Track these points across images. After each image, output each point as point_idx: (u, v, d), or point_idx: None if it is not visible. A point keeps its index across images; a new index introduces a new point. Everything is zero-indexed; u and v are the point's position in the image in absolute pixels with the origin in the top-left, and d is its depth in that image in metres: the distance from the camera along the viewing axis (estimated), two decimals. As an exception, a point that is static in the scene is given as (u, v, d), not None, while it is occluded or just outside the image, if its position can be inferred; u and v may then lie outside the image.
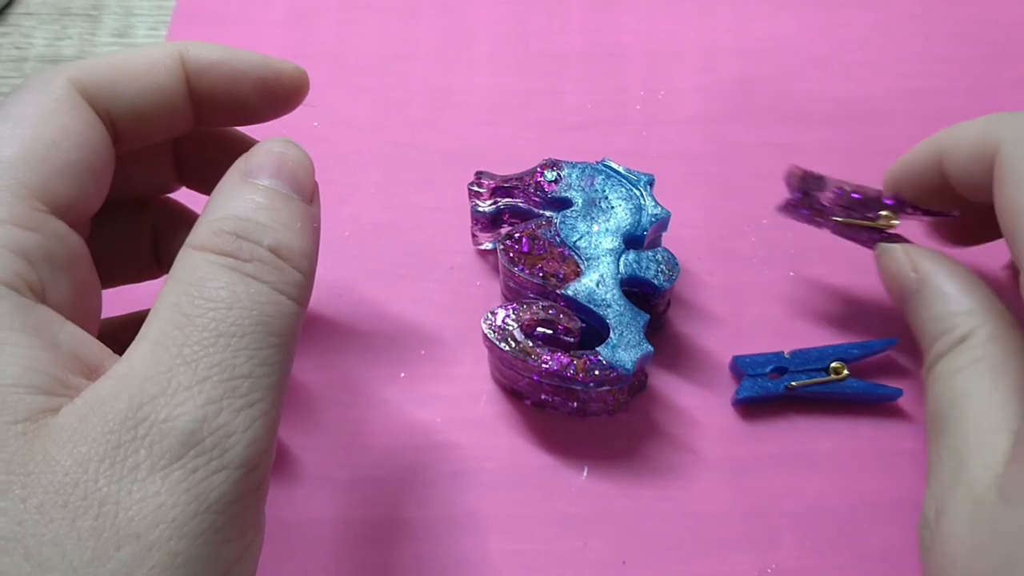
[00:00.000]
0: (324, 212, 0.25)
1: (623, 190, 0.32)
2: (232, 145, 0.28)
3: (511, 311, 0.30)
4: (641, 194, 0.32)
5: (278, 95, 0.26)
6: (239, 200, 0.22)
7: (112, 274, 0.27)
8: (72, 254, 0.22)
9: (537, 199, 0.33)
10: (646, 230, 0.31)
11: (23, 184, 0.21)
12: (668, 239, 0.34)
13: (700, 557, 0.30)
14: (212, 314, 0.20)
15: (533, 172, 0.33)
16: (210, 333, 0.19)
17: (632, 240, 0.31)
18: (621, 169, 0.33)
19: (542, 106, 0.40)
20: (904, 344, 0.32)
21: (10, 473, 0.18)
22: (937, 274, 0.28)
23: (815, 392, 0.32)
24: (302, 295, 0.22)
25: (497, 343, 0.30)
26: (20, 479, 0.18)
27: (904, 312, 0.30)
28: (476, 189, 0.33)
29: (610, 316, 0.30)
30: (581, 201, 0.32)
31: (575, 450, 0.32)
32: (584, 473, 0.31)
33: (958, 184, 0.28)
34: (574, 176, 0.32)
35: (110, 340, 0.21)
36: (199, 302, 0.20)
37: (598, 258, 0.31)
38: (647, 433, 0.32)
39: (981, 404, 0.25)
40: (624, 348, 0.30)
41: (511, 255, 0.31)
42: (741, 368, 0.32)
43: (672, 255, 0.31)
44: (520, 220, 0.34)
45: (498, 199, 0.33)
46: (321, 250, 0.24)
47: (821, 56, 0.41)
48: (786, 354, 0.32)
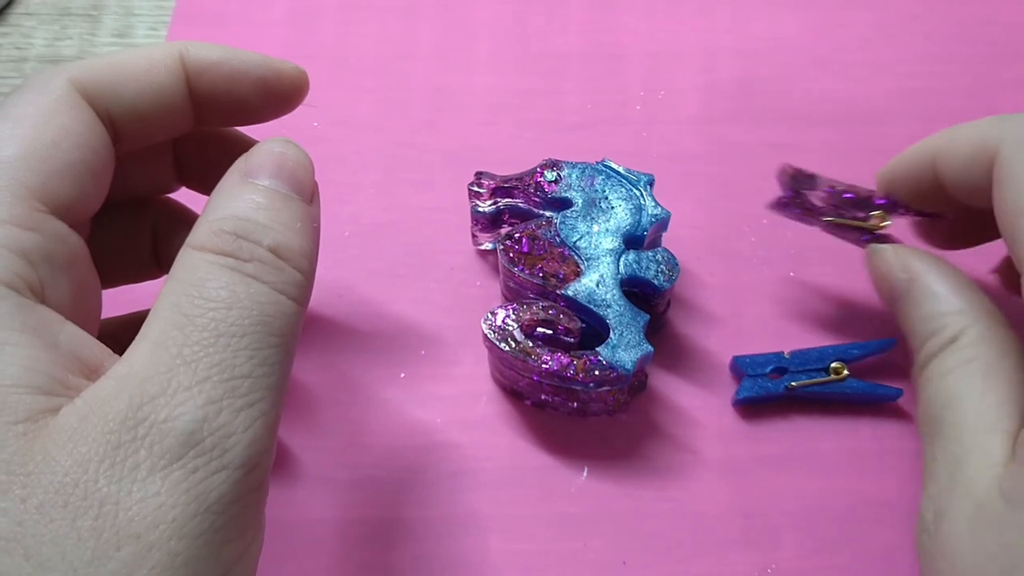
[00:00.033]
0: (324, 212, 0.25)
1: (623, 190, 0.32)
2: (232, 145, 0.28)
3: (511, 311, 0.30)
4: (641, 194, 0.32)
5: (278, 95, 0.26)
6: (239, 200, 0.22)
7: (112, 274, 0.27)
8: (72, 254, 0.22)
9: (537, 199, 0.33)
10: (646, 230, 0.31)
11: (23, 184, 0.21)
12: (668, 239, 0.34)
13: (700, 557, 0.30)
14: (212, 314, 0.20)
15: (533, 172, 0.33)
16: (210, 333, 0.19)
17: (632, 240, 0.31)
18: (621, 169, 0.33)
19: (542, 106, 0.40)
20: (904, 344, 0.32)
21: (10, 473, 0.18)
22: (927, 274, 0.28)
23: (815, 392, 0.32)
24: (302, 295, 0.22)
25: (497, 343, 0.30)
26: (20, 479, 0.18)
27: (894, 313, 0.29)
28: (476, 189, 0.33)
29: (610, 316, 0.30)
30: (581, 201, 0.32)
31: (575, 450, 0.32)
32: (584, 473, 0.31)
33: (953, 187, 0.28)
34: (574, 176, 0.32)
35: (110, 340, 0.21)
36: (199, 302, 0.20)
37: (598, 258, 0.31)
38: (647, 433, 0.32)
39: (975, 405, 0.25)
40: (624, 348, 0.30)
41: (511, 255, 0.31)
42: (741, 368, 0.32)
43: (672, 255, 0.31)
44: (520, 220, 0.34)
45: (498, 199, 0.33)
46: (321, 250, 0.24)
47: (821, 56, 0.41)
48: (786, 354, 0.32)
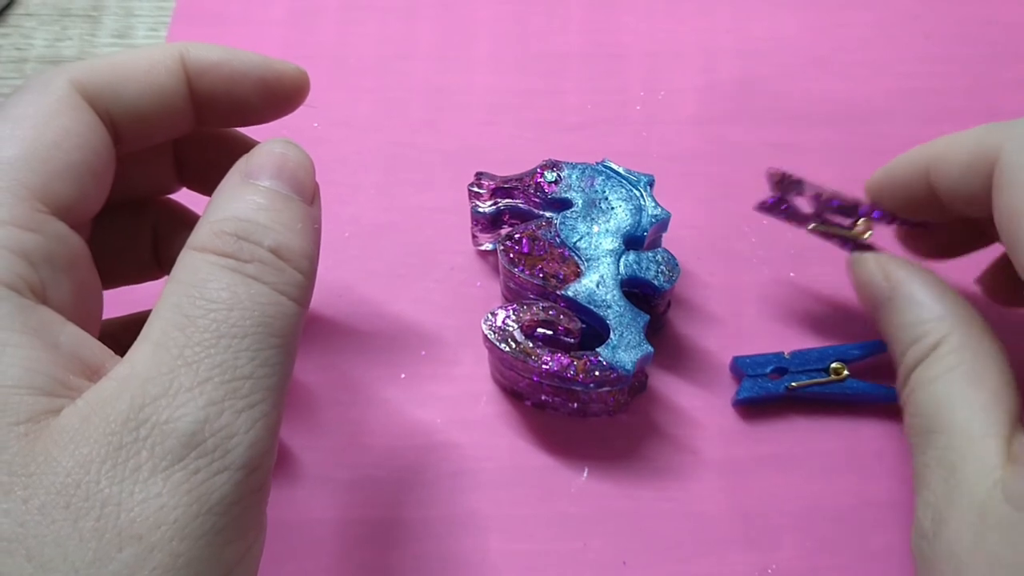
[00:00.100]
0: (324, 213, 0.25)
1: (623, 191, 0.32)
2: (233, 146, 0.28)
3: (511, 312, 0.30)
4: (641, 195, 0.32)
5: (279, 96, 0.26)
6: (240, 201, 0.22)
7: (113, 275, 0.27)
8: (73, 255, 0.22)
9: (537, 200, 0.33)
10: (646, 231, 0.31)
11: (24, 185, 0.21)
12: (668, 239, 0.34)
13: (700, 557, 0.30)
14: (213, 315, 0.20)
15: (533, 173, 0.33)
16: (211, 334, 0.19)
17: (632, 241, 0.31)
18: (621, 170, 0.33)
19: (542, 106, 0.40)
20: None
21: (12, 474, 0.18)
22: (908, 282, 0.28)
23: (815, 393, 0.32)
24: (303, 296, 0.22)
25: (497, 344, 0.30)
26: (22, 480, 0.18)
27: (876, 321, 0.30)
28: (476, 190, 0.33)
29: (610, 317, 0.30)
30: (581, 202, 0.32)
31: (575, 450, 0.32)
32: (584, 473, 0.31)
33: (948, 195, 0.28)
34: (574, 177, 0.32)
35: (111, 341, 0.21)
36: (200, 303, 0.20)
37: (598, 259, 0.31)
38: (647, 434, 0.32)
39: (964, 411, 0.25)
40: (624, 349, 0.30)
41: (511, 256, 0.31)
42: (741, 369, 0.32)
43: (672, 256, 0.31)
44: (520, 221, 0.34)
45: (498, 200, 0.33)
46: (321, 250, 0.24)
47: (821, 56, 0.41)
48: (786, 355, 0.32)
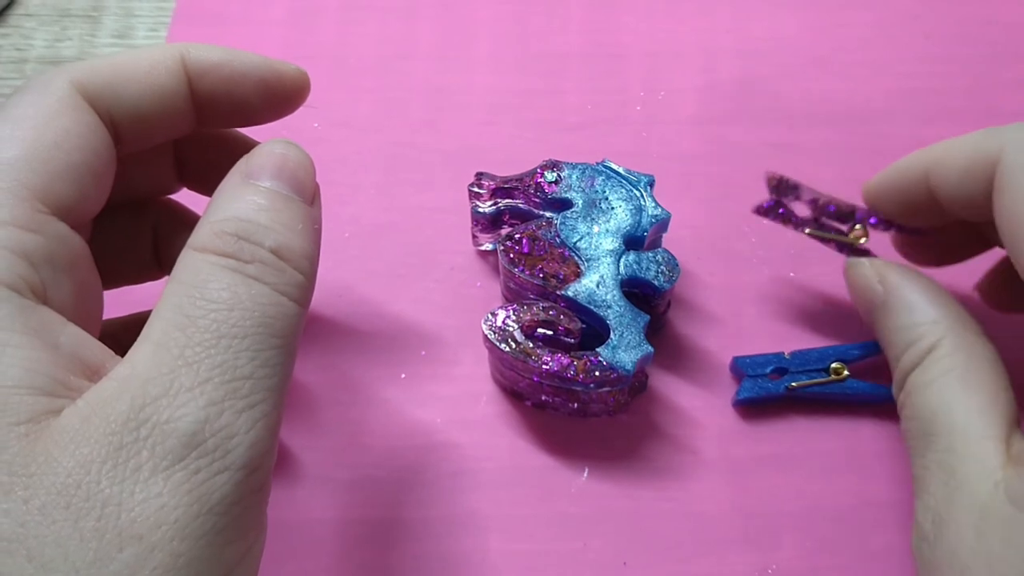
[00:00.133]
0: (324, 213, 0.25)
1: (623, 191, 0.32)
2: (233, 146, 0.28)
3: (511, 312, 0.30)
4: (641, 195, 0.32)
5: (279, 96, 0.26)
6: (240, 201, 0.22)
7: (113, 275, 0.27)
8: (73, 255, 0.22)
9: (537, 200, 0.33)
10: (646, 231, 0.31)
11: (24, 186, 0.21)
12: (668, 240, 0.34)
13: (700, 557, 0.30)
14: (214, 315, 0.20)
15: (533, 173, 0.33)
16: (212, 334, 0.19)
17: (632, 241, 0.31)
18: (621, 170, 0.33)
19: (542, 106, 0.40)
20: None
21: (12, 475, 0.18)
22: (903, 286, 0.28)
23: (815, 393, 0.32)
24: (303, 296, 0.22)
25: (497, 344, 0.30)
26: (22, 480, 0.18)
27: (872, 325, 0.30)
28: (476, 190, 0.33)
29: (610, 317, 0.30)
30: (581, 202, 0.32)
31: (575, 451, 0.32)
32: (584, 474, 0.31)
33: (948, 199, 0.28)
34: (574, 177, 0.32)
35: (111, 341, 0.21)
36: (201, 303, 0.20)
37: (598, 259, 0.31)
38: (647, 434, 0.32)
39: (961, 414, 0.25)
40: (624, 349, 0.30)
41: (511, 256, 0.31)
42: (741, 369, 0.32)
43: (672, 256, 0.31)
44: (520, 221, 0.34)
45: (498, 200, 0.33)
46: (322, 251, 0.24)
47: (821, 56, 0.41)
48: (786, 355, 0.32)
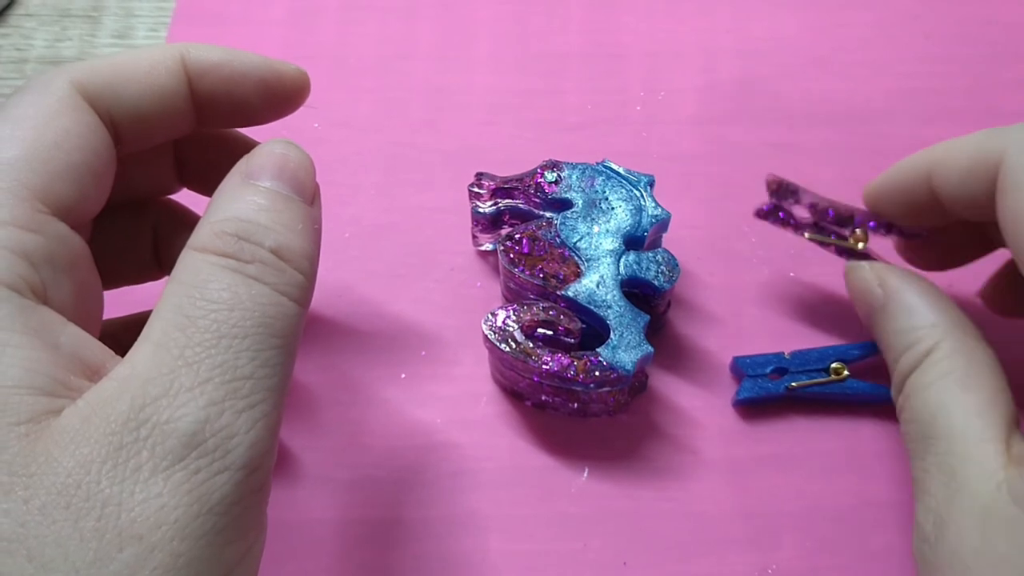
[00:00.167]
0: (324, 213, 0.25)
1: (623, 191, 0.32)
2: (233, 147, 0.28)
3: (511, 312, 0.30)
4: (641, 195, 0.32)
5: (279, 97, 0.26)
6: (240, 202, 0.22)
7: (113, 275, 0.27)
8: (74, 255, 0.22)
9: (537, 200, 0.33)
10: (646, 231, 0.31)
11: (25, 186, 0.21)
12: (668, 240, 0.34)
13: (700, 557, 0.30)
14: (214, 315, 0.20)
15: (533, 173, 0.33)
16: (212, 334, 0.19)
17: (632, 241, 0.31)
18: (621, 170, 0.33)
19: (542, 106, 0.40)
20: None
21: (12, 475, 0.18)
22: (902, 289, 0.28)
23: (815, 393, 0.32)
24: (303, 296, 0.22)
25: (498, 344, 0.30)
26: (23, 480, 0.18)
27: (871, 328, 0.30)
28: (476, 190, 0.33)
29: (610, 317, 0.30)
30: (581, 202, 0.32)
31: (575, 451, 0.32)
32: (584, 474, 0.31)
33: (951, 199, 0.28)
34: (574, 177, 0.32)
35: (112, 341, 0.21)
36: (201, 304, 0.20)
37: (598, 259, 0.31)
38: (647, 434, 0.32)
39: (960, 416, 0.25)
40: (624, 349, 0.30)
41: (511, 256, 0.31)
42: (741, 369, 0.32)
43: (672, 256, 0.31)
44: (520, 221, 0.34)
45: (498, 200, 0.33)
46: (322, 251, 0.24)
47: (821, 56, 0.41)
48: (786, 355, 0.32)
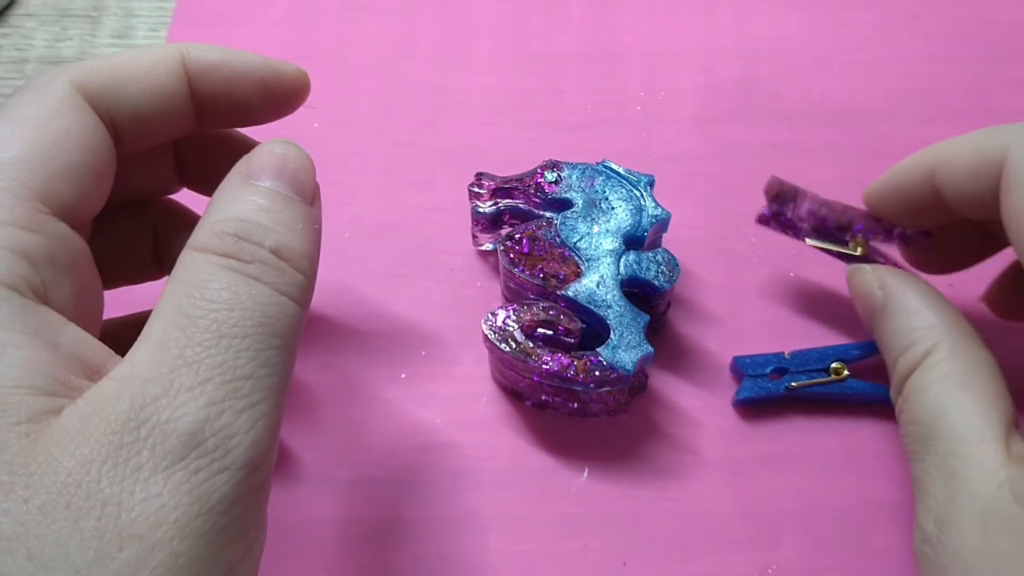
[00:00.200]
0: (325, 213, 0.25)
1: (623, 191, 0.32)
2: (233, 146, 0.28)
3: (511, 312, 0.30)
4: (641, 195, 0.32)
5: (279, 97, 0.26)
6: (240, 202, 0.22)
7: (113, 275, 0.27)
8: (74, 255, 0.22)
9: (537, 200, 0.33)
10: (646, 231, 0.31)
11: (25, 185, 0.21)
12: (668, 240, 0.34)
13: (700, 557, 0.30)
14: (214, 315, 0.20)
15: (533, 173, 0.33)
16: (212, 334, 0.19)
17: (632, 241, 0.31)
18: (621, 170, 0.33)
19: (542, 106, 0.40)
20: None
21: (13, 474, 0.18)
22: (902, 291, 0.28)
23: (815, 393, 0.32)
24: (304, 296, 0.22)
25: (498, 344, 0.30)
26: (23, 480, 0.18)
27: (871, 330, 0.30)
28: (476, 190, 0.33)
29: (610, 317, 0.30)
30: (581, 202, 0.32)
31: (575, 451, 0.32)
32: (584, 474, 0.31)
33: (954, 197, 0.28)
34: (574, 177, 0.33)
35: (112, 341, 0.21)
36: (201, 303, 0.20)
37: (598, 259, 0.31)
38: (647, 434, 0.32)
39: (960, 417, 0.25)
40: (624, 349, 0.30)
41: (511, 256, 0.31)
42: (741, 369, 0.32)
43: (672, 256, 0.31)
44: (520, 221, 0.34)
45: (498, 200, 0.33)
46: (322, 251, 0.24)
47: (821, 56, 0.41)
48: (786, 355, 0.32)
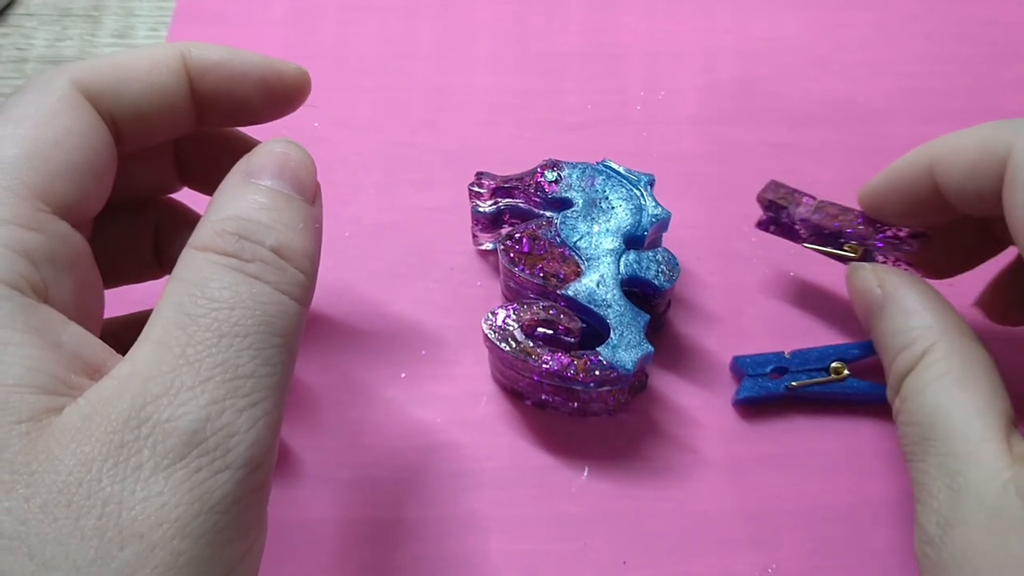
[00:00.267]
0: (325, 213, 0.25)
1: (623, 190, 0.32)
2: (234, 146, 0.28)
3: (512, 311, 0.30)
4: (641, 194, 0.32)
5: (280, 96, 0.26)
6: (241, 200, 0.22)
7: (114, 274, 0.27)
8: (75, 254, 0.22)
9: (537, 199, 0.33)
10: (646, 230, 0.31)
11: (26, 184, 0.21)
12: (668, 239, 0.34)
13: (700, 557, 0.30)
14: (215, 314, 0.20)
15: (533, 172, 0.33)
16: (213, 333, 0.19)
17: (632, 240, 0.31)
18: (621, 169, 0.33)
19: (542, 106, 0.40)
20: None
21: (14, 472, 0.18)
22: (900, 290, 0.28)
23: (815, 392, 0.32)
24: (304, 295, 0.22)
25: (498, 343, 0.30)
26: (24, 478, 0.18)
27: (870, 330, 0.30)
28: (476, 190, 0.33)
29: (610, 316, 0.30)
30: (581, 201, 0.32)
31: (575, 450, 0.32)
32: (584, 473, 0.31)
33: (956, 194, 0.28)
34: (574, 176, 0.33)
35: (112, 340, 0.21)
36: (202, 302, 0.20)
37: (598, 258, 0.31)
38: (647, 433, 0.32)
39: (959, 417, 0.25)
40: (624, 348, 0.30)
41: (511, 255, 0.31)
42: (741, 368, 0.32)
43: (672, 255, 0.31)
44: (520, 220, 0.34)
45: (498, 199, 0.33)
46: (322, 251, 0.24)
47: (821, 56, 0.41)
48: (786, 354, 0.32)
